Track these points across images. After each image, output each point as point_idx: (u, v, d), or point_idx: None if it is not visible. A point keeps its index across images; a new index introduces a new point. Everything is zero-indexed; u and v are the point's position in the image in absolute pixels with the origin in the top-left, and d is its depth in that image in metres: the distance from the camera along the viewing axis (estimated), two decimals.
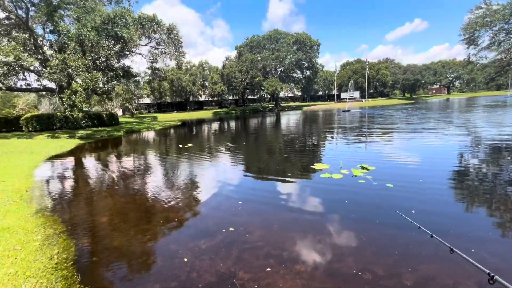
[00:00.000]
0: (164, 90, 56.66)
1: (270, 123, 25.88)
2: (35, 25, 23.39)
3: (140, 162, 10.08)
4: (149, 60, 30.00)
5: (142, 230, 4.02)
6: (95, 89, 22.59)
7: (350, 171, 6.35)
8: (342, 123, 19.84)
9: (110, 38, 22.71)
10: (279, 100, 63.42)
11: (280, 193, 5.30)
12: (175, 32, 27.77)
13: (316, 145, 11.25)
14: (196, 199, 5.36)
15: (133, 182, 7.02)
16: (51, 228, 4.07)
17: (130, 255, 3.34)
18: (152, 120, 37.69)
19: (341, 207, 4.48)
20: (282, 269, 2.88)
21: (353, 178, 5.89)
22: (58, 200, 5.75)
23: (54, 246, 3.47)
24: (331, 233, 3.61)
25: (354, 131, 14.81)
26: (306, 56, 54.74)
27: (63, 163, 10.47)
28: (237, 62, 59.08)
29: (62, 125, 22.71)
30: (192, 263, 3.05)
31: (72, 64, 19.83)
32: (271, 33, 58.65)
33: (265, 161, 8.71)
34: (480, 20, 25.59)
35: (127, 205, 5.23)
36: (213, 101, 74.16)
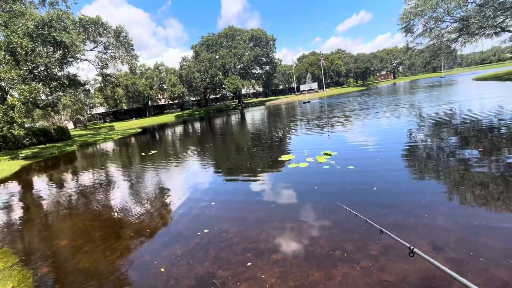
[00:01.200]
0: (119, 97, 53.02)
1: (235, 121, 25.85)
2: None
3: (100, 176, 9.38)
4: (98, 66, 27.80)
5: (110, 247, 3.79)
6: (36, 102, 20.26)
7: (315, 159, 6.68)
8: (304, 114, 20.65)
9: (48, 44, 20.51)
10: (242, 97, 63.55)
11: (251, 189, 5.38)
12: (123, 34, 26.07)
13: (282, 137, 11.58)
14: (167, 206, 5.19)
15: (95, 199, 6.53)
16: (1, 262, 3.62)
17: (100, 275, 3.13)
18: (109, 130, 35.13)
19: (309, 193, 4.71)
20: (260, 260, 2.97)
21: (318, 164, 6.21)
22: (6, 230, 5.12)
23: (7, 281, 3.10)
24: (303, 220, 3.79)
25: (316, 120, 15.53)
26: (264, 51, 55.54)
27: (7, 189, 9.29)
28: (195, 62, 57.72)
29: (0, 146, 20.03)
30: (169, 271, 2.98)
31: (4, 76, 17.52)
32: (226, 30, 58.23)
33: (234, 159, 8.73)
34: (413, 10, 28.43)
35: (91, 223, 4.86)
36: (174, 104, 71.61)
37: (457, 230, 3.05)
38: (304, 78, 75.51)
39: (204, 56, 54.89)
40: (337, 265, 2.72)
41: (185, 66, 59.95)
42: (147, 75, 59.17)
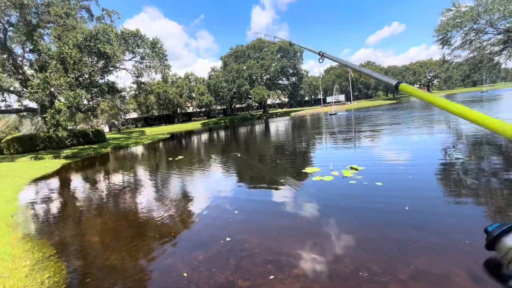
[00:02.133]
0: (150, 103, 56.19)
1: (259, 131, 26.04)
2: (14, 45, 22.91)
3: (130, 178, 9.89)
4: (134, 75, 29.82)
5: (136, 247, 3.94)
6: (79, 106, 22.16)
7: (340, 173, 6.47)
8: (330, 126, 20.22)
9: (93, 54, 22.51)
10: (266, 107, 64.08)
11: (274, 200, 5.33)
12: (159, 45, 27.82)
13: (306, 149, 11.41)
14: (190, 212, 5.30)
15: (124, 199, 6.88)
16: (40, 252, 3.92)
17: (125, 273, 3.26)
18: (140, 135, 37.14)
19: (334, 208, 4.55)
20: (281, 274, 2.90)
21: (344, 179, 6.01)
22: (46, 223, 5.56)
23: (44, 271, 3.35)
24: (327, 235, 3.66)
25: (342, 133, 15.13)
26: (291, 63, 55.96)
27: (49, 185, 10.13)
28: (223, 72, 59.59)
29: (46, 146, 22.00)
30: (190, 275, 3.02)
31: (54, 82, 19.46)
32: (255, 42, 59.74)
33: (257, 169, 8.75)
34: (451, 21, 27.02)
35: (119, 222, 5.11)
36: (201, 112, 74.02)
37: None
38: (331, 89, 74.49)
39: (232, 66, 56.54)
40: (362, 286, 2.57)
41: (214, 76, 62.16)
42: (178, 84, 62.15)
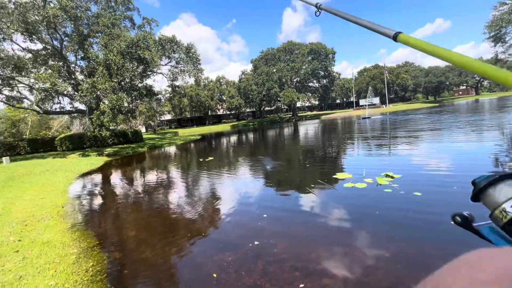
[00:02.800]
0: (183, 106, 58.80)
1: (288, 134, 25.82)
2: (68, 53, 25.58)
3: (163, 177, 10.42)
4: (170, 79, 31.51)
5: (168, 243, 4.13)
6: (121, 108, 23.96)
7: (374, 180, 6.14)
8: (363, 131, 19.34)
9: (134, 60, 24.25)
10: (296, 110, 63.35)
11: (304, 205, 5.22)
12: (193, 50, 29.07)
13: (337, 154, 11.03)
14: (220, 212, 5.42)
15: (158, 197, 7.27)
16: (85, 242, 4.30)
17: (159, 268, 3.43)
18: (173, 136, 39.02)
19: (368, 218, 4.33)
20: (309, 282, 2.82)
21: (378, 187, 5.69)
22: (90, 215, 6.08)
23: (89, 259, 3.66)
24: (359, 246, 3.48)
25: (376, 138, 14.37)
26: (322, 65, 54.80)
27: (93, 180, 11.09)
28: (253, 75, 60.31)
29: (92, 144, 24.16)
30: (219, 275, 3.08)
31: (100, 86, 21.31)
32: (285, 45, 59.65)
33: (286, 172, 8.67)
34: (506, 16, 24.31)
35: (153, 219, 5.41)
36: (230, 114, 75.62)
37: None
38: (364, 92, 71.32)
39: (262, 69, 57.00)
40: None
41: (244, 79, 63.19)
42: (209, 87, 64.26)
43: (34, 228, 4.89)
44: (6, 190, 8.49)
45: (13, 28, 20.79)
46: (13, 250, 3.88)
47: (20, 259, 3.59)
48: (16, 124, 44.31)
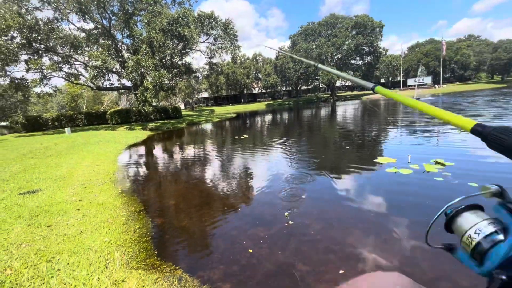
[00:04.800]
0: (220, 84, 59.57)
1: (325, 114, 24.80)
2: (116, 32, 27.09)
3: (200, 152, 10.88)
4: (207, 56, 31.79)
5: (204, 214, 4.34)
6: (162, 85, 25.15)
7: (421, 166, 5.62)
8: (409, 113, 17.68)
9: (174, 38, 24.79)
10: (335, 90, 60.15)
11: (340, 188, 5.03)
12: (230, 26, 28.64)
13: (378, 137, 10.31)
14: (253, 189, 5.50)
15: (195, 170, 7.64)
16: (133, 207, 4.73)
17: (196, 236, 3.65)
18: (210, 113, 40.18)
19: (414, 206, 4.01)
20: (344, 265, 2.75)
21: (425, 174, 5.21)
22: (136, 182, 6.66)
23: (136, 222, 4.04)
24: (403, 235, 3.27)
25: (424, 121, 13.04)
26: (367, 40, 50.15)
27: (138, 151, 12.06)
28: (291, 52, 57.92)
29: (137, 118, 26.07)
30: (252, 249, 3.16)
31: (144, 64, 22.41)
32: (327, 18, 55.49)
33: (322, 154, 8.40)
34: None
35: (190, 191, 5.72)
36: (266, 93, 74.79)
37: None
38: (414, 70, 64.30)
39: (300, 45, 54.36)
40: None
41: (281, 56, 61.13)
42: (246, 65, 63.64)
43: (91, 191, 5.52)
44: (69, 156, 9.68)
45: (68, 8, 22.47)
46: (75, 208, 4.45)
47: (81, 217, 4.10)
48: (75, 99, 49.54)
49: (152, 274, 2.74)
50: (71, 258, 2.92)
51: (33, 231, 3.59)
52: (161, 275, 2.74)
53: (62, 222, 3.88)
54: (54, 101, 50.78)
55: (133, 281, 2.57)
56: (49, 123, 24.93)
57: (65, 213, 4.25)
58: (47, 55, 24.28)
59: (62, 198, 4.96)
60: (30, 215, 4.12)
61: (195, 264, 3.01)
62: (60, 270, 2.71)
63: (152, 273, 2.76)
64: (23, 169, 7.50)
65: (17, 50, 21.35)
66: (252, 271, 2.78)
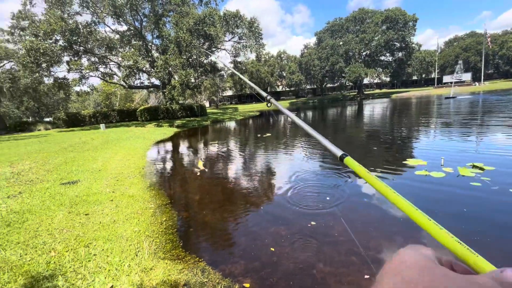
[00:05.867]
0: (244, 82, 59.93)
1: (351, 113, 24.01)
2: (146, 33, 28.41)
3: (224, 148, 11.11)
4: (232, 55, 32.17)
5: (227, 210, 4.45)
6: (188, 83, 25.95)
7: (455, 170, 5.26)
8: (444, 113, 16.53)
9: (201, 37, 25.41)
10: (362, 88, 57.87)
11: (366, 189, 4.88)
12: (255, 24, 28.69)
13: (408, 138, 9.78)
14: (275, 188, 5.52)
15: (218, 167, 7.83)
16: (160, 200, 4.98)
17: (219, 231, 3.76)
18: (234, 111, 40.72)
19: (448, 213, 3.78)
20: (366, 269, 2.69)
21: (459, 178, 4.86)
22: (163, 177, 6.98)
23: (163, 214, 4.25)
24: (430, 242, 3.10)
25: (461, 123, 12.11)
26: (398, 35, 47.54)
27: (165, 147, 12.61)
28: (316, 49, 56.74)
29: (164, 116, 27.20)
30: (274, 247, 3.19)
31: (172, 63, 23.26)
32: (355, 13, 53.44)
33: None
34: None
35: (213, 187, 5.88)
36: (290, 91, 74.07)
37: None
38: (452, 66, 59.82)
39: (327, 42, 52.99)
40: None
41: (306, 53, 60.11)
42: (270, 63, 63.49)
43: (123, 183, 5.90)
44: (104, 151, 10.40)
45: (105, 12, 23.97)
46: (109, 199, 4.79)
47: (114, 207, 4.41)
48: (109, 97, 52.86)
49: (177, 265, 2.88)
50: (105, 244, 3.16)
51: (73, 218, 3.94)
52: (186, 266, 2.87)
53: (97, 211, 4.21)
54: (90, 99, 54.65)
55: (160, 269, 2.72)
56: (86, 119, 26.93)
57: (100, 203, 4.60)
58: (86, 56, 26.16)
59: (97, 189, 5.36)
60: (70, 204, 4.51)
61: (217, 257, 3.11)
62: (96, 255, 2.95)
63: (177, 264, 2.90)
64: (64, 161, 8.21)
65: (60, 52, 23.26)
66: (272, 268, 2.81)
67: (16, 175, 6.50)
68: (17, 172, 6.85)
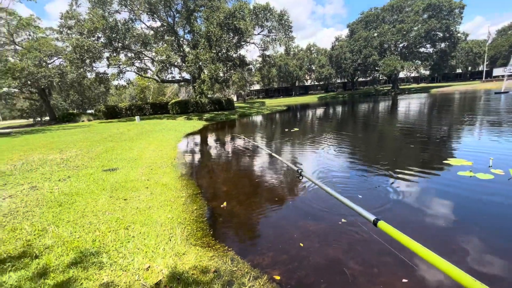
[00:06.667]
0: (272, 76, 59.57)
1: (385, 109, 22.73)
2: (178, 28, 29.31)
3: (251, 142, 11.19)
4: (261, 48, 32.00)
5: (255, 203, 4.50)
6: (217, 78, 26.41)
7: (507, 172, 4.75)
8: (493, 110, 14.94)
9: (230, 31, 25.59)
10: (397, 82, 54.34)
11: (402, 189, 4.61)
12: (285, 17, 28.18)
13: (449, 136, 9.02)
14: (302, 183, 5.45)
15: (246, 160, 7.92)
16: (191, 189, 5.19)
17: (247, 223, 3.83)
18: (261, 105, 40.71)
19: (496, 218, 3.46)
20: (401, 271, 2.56)
21: (511, 181, 4.39)
22: (193, 168, 7.25)
23: (194, 204, 4.43)
24: (471, 250, 2.87)
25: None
26: (442, 24, 43.56)
27: (195, 139, 13.04)
28: (348, 42, 54.26)
29: (194, 109, 28.06)
30: (302, 241, 3.17)
31: (202, 57, 23.80)
32: (393, 2, 49.89)
33: (380, 152, 7.79)
34: None
35: (241, 179, 5.97)
36: (318, 85, 72.07)
37: None
38: (505, 58, 53.62)
39: (360, 34, 50.37)
40: None
41: (337, 46, 57.81)
42: (299, 56, 62.14)
43: (157, 172, 6.24)
44: (139, 141, 11.05)
45: (141, 9, 25.13)
46: (144, 186, 5.10)
47: (149, 194, 4.69)
48: (143, 91, 55.85)
49: (208, 252, 2.99)
50: (142, 228, 3.38)
51: (113, 202, 4.26)
52: (216, 253, 2.97)
53: (134, 197, 4.50)
54: (126, 92, 58.14)
55: (192, 255, 2.85)
56: (123, 111, 28.78)
57: (136, 189, 4.91)
58: (123, 52, 27.78)
59: (134, 177, 5.74)
60: (111, 189, 4.88)
61: (246, 248, 3.18)
62: (134, 237, 3.17)
63: (208, 251, 3.01)
64: (105, 150, 8.88)
65: (101, 49, 24.97)
66: (300, 262, 2.80)
67: (65, 161, 7.18)
68: (65, 158, 7.56)
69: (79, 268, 2.53)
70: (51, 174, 5.87)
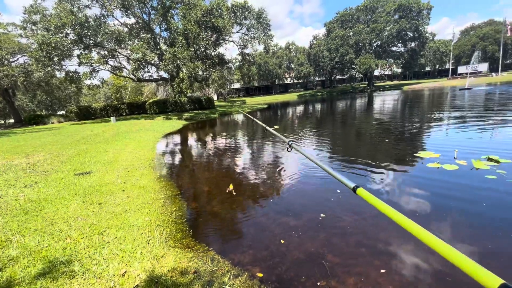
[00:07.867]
0: (252, 74, 59.57)
1: (361, 106, 23.57)
2: (154, 25, 28.36)
3: (231, 141, 11.14)
4: (240, 46, 31.87)
5: (235, 201, 4.49)
6: (196, 76, 25.94)
7: (469, 163, 5.12)
8: (458, 105, 16.02)
9: (208, 29, 25.22)
10: (372, 79, 56.56)
11: (377, 182, 4.82)
12: (263, 15, 28.25)
13: (420, 130, 9.55)
14: (283, 180, 5.52)
15: (226, 159, 7.87)
16: (170, 191, 5.07)
17: (227, 222, 3.81)
18: (241, 104, 40.61)
19: (461, 207, 3.71)
20: (376, 260, 2.68)
21: (474, 171, 4.74)
22: (173, 168, 7.08)
23: (172, 205, 4.33)
24: (445, 238, 3.06)
25: (476, 114, 11.72)
26: (411, 24, 45.89)
27: (174, 140, 12.74)
28: (326, 40, 55.57)
29: (173, 109, 27.38)
30: (281, 237, 3.21)
31: (180, 56, 23.24)
32: (367, 2, 51.77)
33: (357, 147, 8.07)
34: None
35: (222, 178, 5.92)
36: (298, 83, 73.18)
37: None
38: (468, 57, 57.60)
39: (336, 33, 51.73)
40: None
41: (315, 45, 58.96)
42: (278, 54, 62.64)
43: (134, 174, 6.02)
44: (114, 143, 10.60)
45: (113, 4, 24.02)
46: (121, 190, 4.90)
47: (125, 197, 4.51)
48: (119, 90, 53.56)
49: (188, 253, 2.94)
50: (118, 232, 3.26)
51: (87, 207, 4.06)
52: (196, 254, 2.93)
53: (110, 201, 4.32)
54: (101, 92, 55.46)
55: (171, 257, 2.79)
56: (97, 112, 27.42)
57: (112, 193, 4.71)
58: (95, 49, 26.40)
59: (109, 180, 5.50)
60: (84, 193, 4.65)
61: (226, 247, 3.16)
62: (110, 242, 3.04)
63: (188, 252, 2.96)
64: (77, 153, 8.43)
65: (71, 46, 23.56)
66: (281, 258, 2.84)
67: (32, 166, 6.72)
68: (32, 163, 7.08)
69: (48, 279, 2.39)
70: (16, 180, 5.47)
